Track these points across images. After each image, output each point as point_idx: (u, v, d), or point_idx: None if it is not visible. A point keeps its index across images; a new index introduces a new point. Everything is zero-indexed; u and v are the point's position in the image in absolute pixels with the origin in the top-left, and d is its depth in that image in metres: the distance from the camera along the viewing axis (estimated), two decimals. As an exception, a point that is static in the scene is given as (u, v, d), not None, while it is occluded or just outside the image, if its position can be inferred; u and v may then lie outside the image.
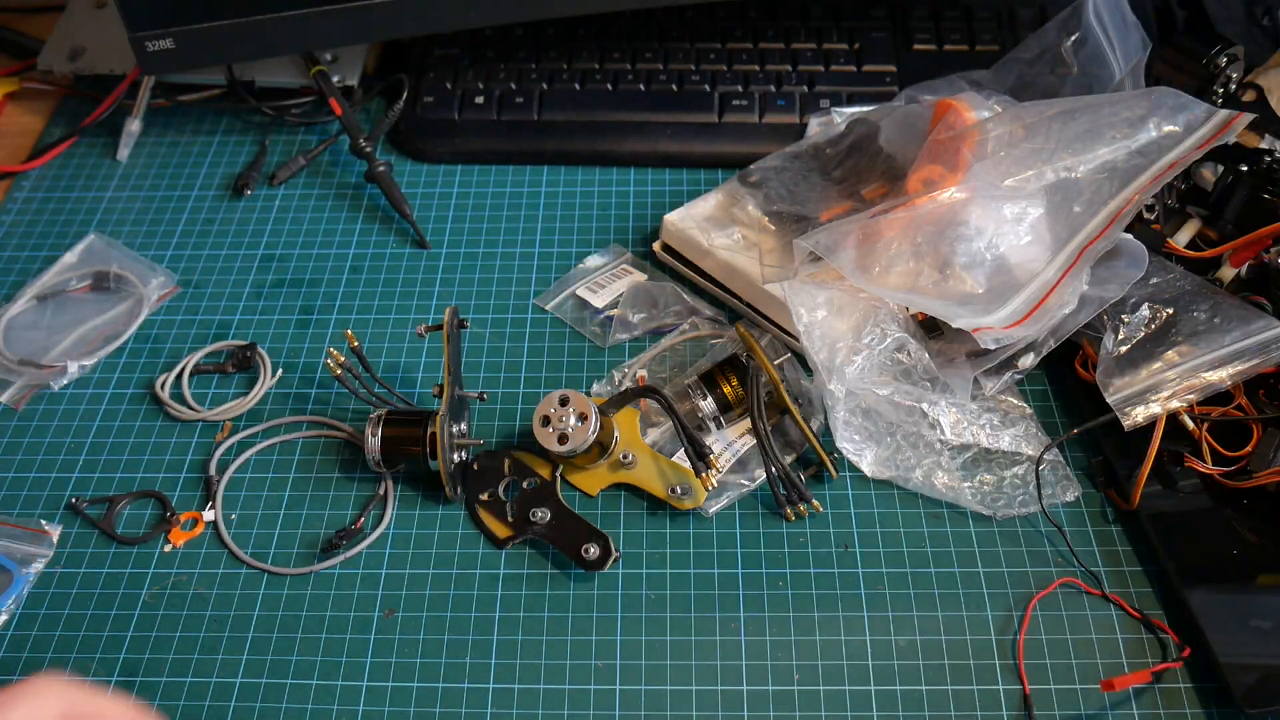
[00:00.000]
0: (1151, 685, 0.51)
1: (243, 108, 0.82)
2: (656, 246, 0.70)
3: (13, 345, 0.67)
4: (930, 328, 0.60)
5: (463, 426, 0.60)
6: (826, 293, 0.59)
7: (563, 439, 0.55)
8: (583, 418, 0.56)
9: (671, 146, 0.77)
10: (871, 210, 0.61)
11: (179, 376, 0.65)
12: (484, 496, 0.58)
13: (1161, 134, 0.60)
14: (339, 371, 0.59)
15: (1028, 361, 0.58)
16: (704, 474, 0.55)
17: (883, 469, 0.58)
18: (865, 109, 0.71)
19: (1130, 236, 0.59)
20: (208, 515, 0.59)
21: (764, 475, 0.57)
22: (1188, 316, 0.57)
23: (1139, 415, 0.55)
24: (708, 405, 0.59)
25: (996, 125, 0.61)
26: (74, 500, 0.59)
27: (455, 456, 0.58)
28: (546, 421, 0.56)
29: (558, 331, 0.67)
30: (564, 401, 0.56)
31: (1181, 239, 0.62)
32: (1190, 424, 0.56)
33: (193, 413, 0.63)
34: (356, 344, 0.60)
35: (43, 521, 0.59)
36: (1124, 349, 0.57)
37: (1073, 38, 0.68)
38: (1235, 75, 0.67)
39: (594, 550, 0.54)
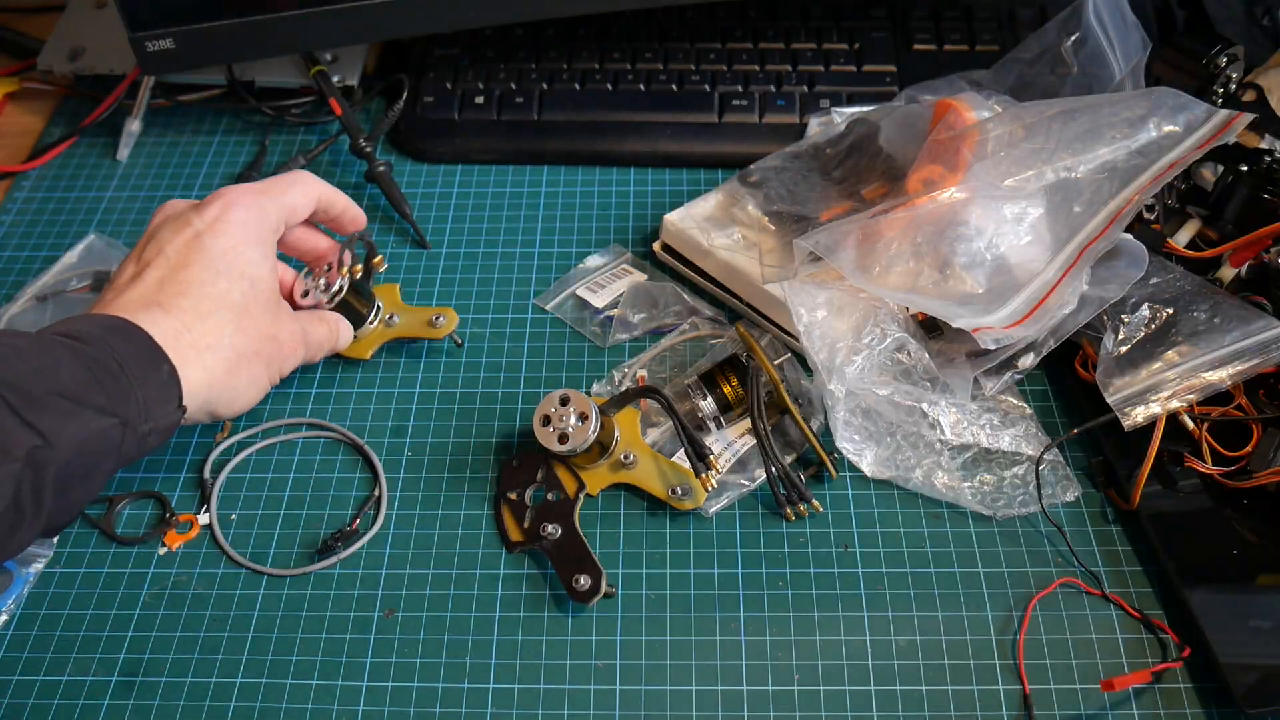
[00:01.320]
0: (1151, 685, 0.51)
1: (243, 108, 0.82)
2: (656, 246, 0.70)
3: (13, 345, 0.67)
4: (930, 328, 0.60)
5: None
6: (826, 293, 0.59)
7: (563, 438, 0.55)
8: (583, 417, 0.56)
9: (671, 146, 0.77)
10: (871, 210, 0.61)
11: (179, 376, 0.65)
12: (511, 495, 0.58)
13: (1161, 134, 0.60)
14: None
15: (1028, 361, 0.58)
16: (704, 474, 0.55)
17: (883, 469, 0.58)
18: (865, 109, 0.71)
19: (1130, 236, 0.59)
20: (202, 518, 0.59)
21: (764, 475, 0.57)
22: (1188, 316, 0.57)
23: (1139, 415, 0.55)
24: (708, 405, 0.59)
25: (996, 125, 0.61)
26: (74, 500, 0.59)
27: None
28: (547, 421, 0.56)
29: (558, 331, 0.67)
30: (565, 401, 0.56)
31: (1181, 239, 0.62)
32: (1190, 424, 0.56)
33: (193, 413, 0.63)
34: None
35: (43, 521, 0.59)
36: (1124, 349, 0.57)
37: (1073, 38, 0.68)
38: (1235, 75, 0.67)
39: (584, 581, 0.53)
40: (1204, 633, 0.51)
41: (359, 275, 0.63)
